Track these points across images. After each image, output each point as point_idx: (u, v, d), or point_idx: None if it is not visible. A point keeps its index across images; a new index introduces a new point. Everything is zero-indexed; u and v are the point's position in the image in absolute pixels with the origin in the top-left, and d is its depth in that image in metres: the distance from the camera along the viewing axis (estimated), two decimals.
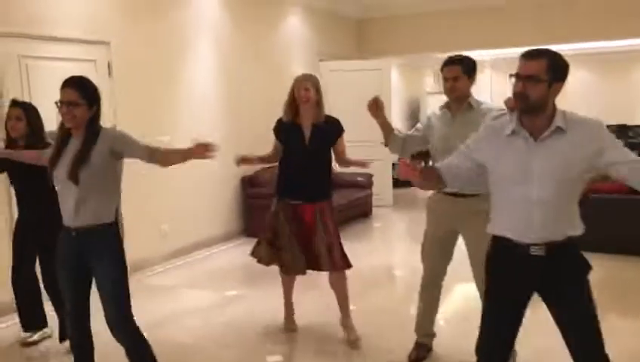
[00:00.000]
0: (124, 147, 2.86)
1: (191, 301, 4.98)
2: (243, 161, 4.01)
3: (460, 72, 3.27)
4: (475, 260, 3.31)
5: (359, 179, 8.02)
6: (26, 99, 4.61)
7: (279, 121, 3.94)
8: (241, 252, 6.69)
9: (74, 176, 2.73)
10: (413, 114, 13.34)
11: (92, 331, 3.06)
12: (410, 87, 13.40)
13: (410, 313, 4.51)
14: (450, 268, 3.53)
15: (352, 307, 4.00)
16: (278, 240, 3.85)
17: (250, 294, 5.11)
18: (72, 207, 2.79)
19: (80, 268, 2.88)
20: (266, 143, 7.78)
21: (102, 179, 2.82)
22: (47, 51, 4.90)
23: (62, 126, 2.86)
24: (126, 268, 2.94)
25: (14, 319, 4.23)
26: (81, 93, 2.77)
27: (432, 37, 9.59)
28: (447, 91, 3.31)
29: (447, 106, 3.38)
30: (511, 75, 2.28)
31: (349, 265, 3.84)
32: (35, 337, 4.06)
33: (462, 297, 4.69)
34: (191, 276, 5.74)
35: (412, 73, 13.53)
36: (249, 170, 7.31)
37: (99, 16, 5.38)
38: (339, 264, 3.79)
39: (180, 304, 4.90)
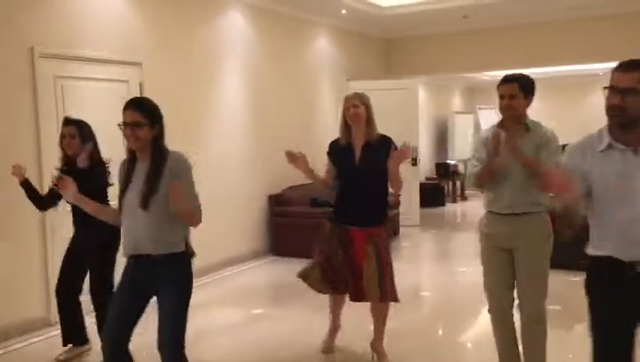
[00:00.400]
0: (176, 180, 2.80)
1: (218, 318, 5.00)
2: (290, 156, 3.83)
3: (517, 89, 3.15)
4: (525, 282, 3.17)
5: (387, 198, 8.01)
6: (61, 120, 4.74)
7: (333, 143, 3.85)
8: (267, 270, 6.72)
9: (144, 202, 2.69)
10: (441, 134, 13.29)
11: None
12: (438, 106, 13.36)
13: (437, 335, 4.46)
14: None
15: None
16: (330, 265, 3.74)
17: (276, 313, 5.11)
18: (142, 233, 2.75)
19: (139, 296, 2.85)
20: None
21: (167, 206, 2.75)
22: (81, 72, 5.03)
23: (128, 150, 2.85)
24: (189, 298, 2.91)
25: (50, 333, 4.30)
26: (142, 113, 2.76)
27: (460, 56, 9.58)
28: (503, 109, 3.17)
29: (501, 126, 3.22)
30: (605, 88, 2.19)
31: (395, 299, 3.70)
32: (73, 353, 4.09)
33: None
34: (218, 293, 5.77)
35: (440, 92, 13.51)
36: (276, 188, 7.35)
37: (132, 38, 5.51)
38: (386, 295, 3.64)
39: (207, 321, 4.92)
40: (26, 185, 3.90)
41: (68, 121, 3.96)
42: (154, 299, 2.87)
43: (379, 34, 9.79)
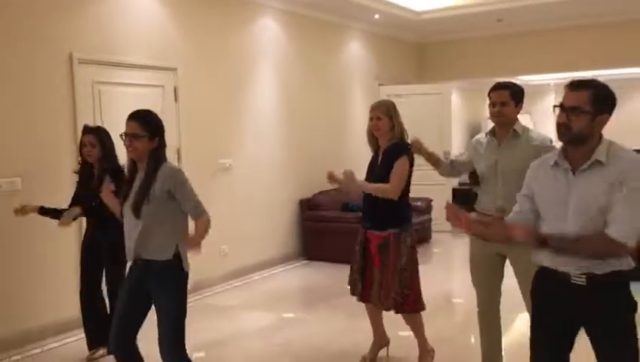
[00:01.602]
0: (180, 196, 2.92)
1: (248, 322, 5.03)
2: (331, 178, 3.69)
3: (508, 97, 3.26)
4: (523, 287, 3.20)
5: (418, 203, 7.93)
6: (98, 123, 4.86)
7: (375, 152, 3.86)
8: (299, 274, 6.73)
9: (136, 210, 2.85)
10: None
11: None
12: (471, 111, 13.22)
13: (470, 342, 4.40)
14: (507, 297, 3.42)
15: (409, 334, 3.92)
16: (358, 268, 3.81)
17: (306, 317, 5.12)
18: (135, 239, 2.89)
19: (139, 298, 2.96)
20: (324, 165, 7.84)
21: (162, 214, 2.89)
22: (118, 77, 5.14)
23: (130, 158, 2.99)
24: (185, 300, 2.99)
25: (81, 334, 4.39)
26: (142, 125, 2.87)
27: (493, 61, 9.47)
28: (494, 116, 3.29)
29: (492, 133, 3.37)
30: (555, 106, 2.26)
31: (398, 309, 3.63)
32: (98, 354, 4.19)
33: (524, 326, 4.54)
34: (249, 297, 5.80)
35: (473, 97, 13.36)
36: (307, 192, 7.38)
37: (167, 44, 5.60)
38: (386, 304, 3.65)
39: (238, 324, 4.95)
40: (42, 212, 4.03)
41: (87, 130, 4.05)
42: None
43: (411, 38, 9.75)
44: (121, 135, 2.92)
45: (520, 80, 12.03)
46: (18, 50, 4.43)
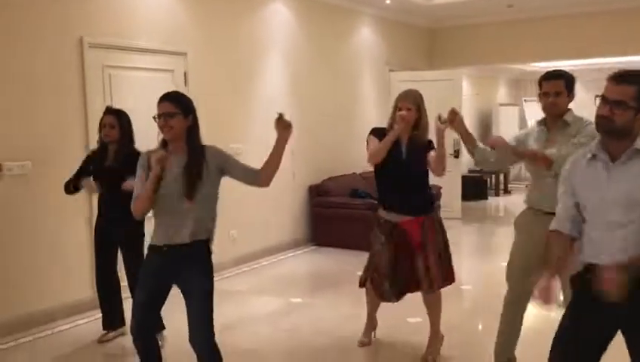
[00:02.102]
0: (232, 168, 2.93)
1: (257, 306, 5.06)
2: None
3: (562, 86, 3.11)
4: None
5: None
6: None
7: (379, 130, 3.77)
8: (307, 260, 6.76)
9: (192, 191, 2.77)
10: (485, 126, 13.07)
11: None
12: (483, 98, 13.13)
13: (478, 330, 4.41)
14: None
15: (418, 320, 3.93)
16: (379, 263, 3.73)
17: (315, 302, 5.14)
18: (183, 224, 2.81)
19: (165, 284, 2.92)
20: (333, 151, 7.82)
21: (214, 193, 2.89)
22: (129, 61, 5.14)
23: (163, 142, 2.90)
24: (213, 281, 2.96)
25: (95, 315, 4.44)
26: (175, 103, 2.86)
27: (505, 47, 9.39)
28: (548, 107, 3.14)
29: (544, 123, 3.21)
30: (597, 96, 2.20)
31: (448, 282, 3.73)
32: (111, 335, 4.24)
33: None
34: (258, 282, 5.83)
35: (484, 84, 13.27)
36: (316, 178, 7.38)
37: (177, 28, 5.59)
38: (437, 283, 3.67)
39: (247, 309, 4.98)
40: (68, 191, 4.08)
41: (109, 111, 4.09)
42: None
43: (422, 24, 9.67)
44: (154, 116, 2.85)
45: (531, 67, 11.95)
46: (29, 34, 4.43)
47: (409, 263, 3.66)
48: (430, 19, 9.57)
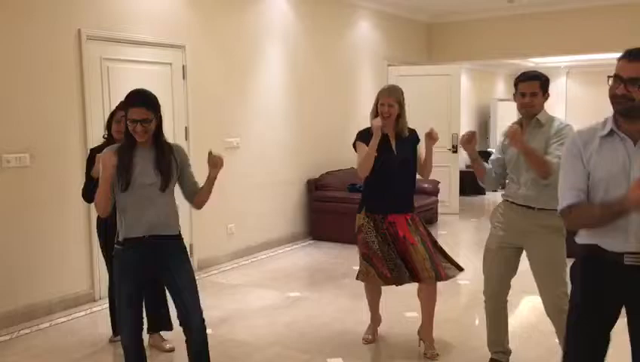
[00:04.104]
0: (186, 174, 2.99)
1: (254, 300, 5.07)
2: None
3: (538, 87, 3.21)
4: (541, 276, 3.24)
5: (425, 185, 7.92)
6: (106, 101, 4.87)
7: (364, 132, 3.80)
8: (305, 254, 6.76)
9: (166, 183, 2.86)
10: (483, 121, 13.08)
11: None
12: (481, 93, 13.13)
13: (474, 323, 4.43)
14: (519, 279, 3.43)
15: (414, 314, 3.95)
16: (374, 253, 3.74)
17: (312, 296, 5.15)
18: (158, 216, 2.88)
19: (143, 280, 2.99)
20: (332, 146, 7.82)
21: (173, 189, 2.96)
22: (127, 54, 5.12)
23: (129, 137, 2.88)
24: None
25: (92, 308, 4.44)
26: (150, 109, 2.85)
27: (504, 42, 9.38)
28: (525, 106, 3.22)
29: (519, 123, 3.28)
30: (609, 77, 2.16)
31: (447, 277, 3.73)
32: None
33: (534, 309, 4.55)
34: (256, 275, 5.84)
35: (483, 79, 13.27)
36: (314, 172, 7.38)
37: (176, 21, 5.58)
38: (439, 273, 3.68)
39: (244, 302, 4.99)
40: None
41: (122, 106, 3.97)
42: None
43: (421, 18, 9.65)
44: (127, 120, 2.83)
45: (531, 62, 11.95)
46: (27, 26, 4.42)
47: (403, 252, 3.68)
48: (429, 14, 9.55)
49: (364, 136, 3.76)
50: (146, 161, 2.87)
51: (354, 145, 3.85)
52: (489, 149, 12.24)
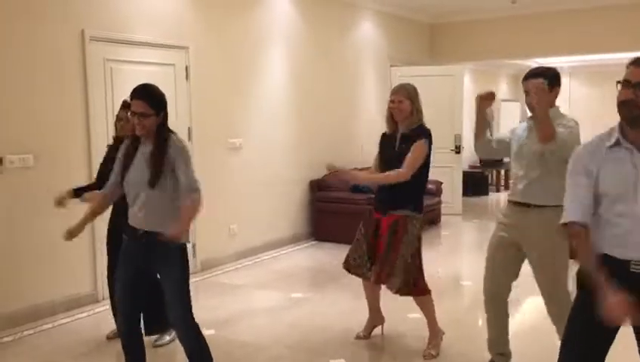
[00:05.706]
0: (178, 168, 2.89)
1: (257, 300, 5.07)
2: (331, 171, 3.91)
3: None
4: (542, 277, 3.23)
5: (428, 186, 7.90)
6: (109, 101, 4.88)
7: (383, 134, 3.91)
8: (308, 254, 6.76)
9: (155, 178, 2.84)
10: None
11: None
12: None
13: (477, 324, 4.42)
14: (521, 280, 3.42)
15: (416, 315, 3.95)
16: (359, 248, 3.84)
17: (315, 297, 5.15)
18: (143, 211, 2.90)
19: (144, 272, 3.01)
20: (335, 146, 7.82)
21: (169, 186, 2.90)
22: (130, 55, 5.13)
23: (132, 132, 2.96)
24: (188, 270, 3.01)
25: (95, 309, 4.44)
26: (149, 103, 2.86)
27: (507, 42, 9.37)
28: (529, 104, 3.16)
29: (532, 118, 3.24)
30: (618, 82, 2.13)
31: (404, 293, 3.68)
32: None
33: (536, 311, 4.55)
34: (258, 276, 5.84)
35: (486, 79, 13.24)
36: (317, 173, 7.38)
37: (179, 22, 5.58)
38: (389, 283, 3.65)
39: (247, 303, 4.99)
40: (77, 195, 3.84)
41: (126, 105, 3.98)
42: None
43: (424, 19, 9.65)
44: (127, 112, 2.90)
45: (534, 63, 11.93)
46: (30, 27, 4.43)
47: (378, 252, 3.73)
48: (432, 15, 9.54)
49: (380, 138, 3.90)
50: (143, 157, 2.91)
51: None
52: None
